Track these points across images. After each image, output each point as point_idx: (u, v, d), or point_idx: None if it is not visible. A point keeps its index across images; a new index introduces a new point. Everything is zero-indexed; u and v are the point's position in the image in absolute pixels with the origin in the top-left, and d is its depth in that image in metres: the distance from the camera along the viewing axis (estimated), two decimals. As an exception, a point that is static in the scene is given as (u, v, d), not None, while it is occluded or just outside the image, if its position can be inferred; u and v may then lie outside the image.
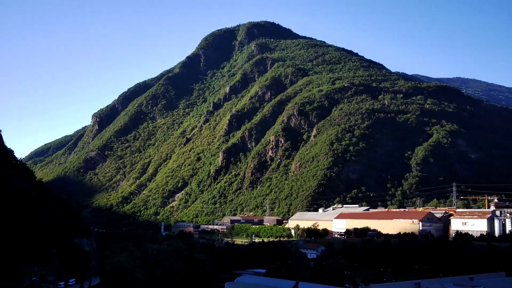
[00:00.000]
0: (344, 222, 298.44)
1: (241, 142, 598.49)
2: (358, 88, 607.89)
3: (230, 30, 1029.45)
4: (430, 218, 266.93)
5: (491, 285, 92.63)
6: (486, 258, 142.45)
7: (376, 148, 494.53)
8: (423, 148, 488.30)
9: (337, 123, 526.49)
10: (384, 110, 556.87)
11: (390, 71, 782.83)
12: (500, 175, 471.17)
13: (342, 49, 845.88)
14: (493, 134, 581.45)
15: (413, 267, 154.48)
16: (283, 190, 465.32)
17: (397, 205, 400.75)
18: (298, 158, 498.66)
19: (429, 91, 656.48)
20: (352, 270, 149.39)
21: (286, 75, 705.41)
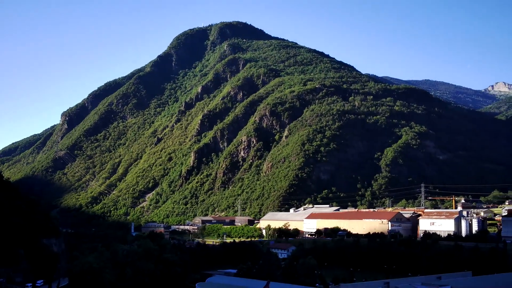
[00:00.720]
0: (314, 222, 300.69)
1: (213, 142, 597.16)
2: (329, 90, 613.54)
3: (202, 30, 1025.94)
4: (399, 218, 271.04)
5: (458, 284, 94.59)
6: (453, 257, 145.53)
7: (347, 149, 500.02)
8: (392, 149, 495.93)
9: (309, 124, 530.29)
10: (355, 112, 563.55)
11: (360, 73, 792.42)
12: (467, 176, 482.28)
13: (313, 51, 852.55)
14: (460, 136, 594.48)
15: (383, 267, 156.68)
16: (254, 190, 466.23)
17: (366, 205, 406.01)
18: (270, 158, 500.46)
19: (398, 93, 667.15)
20: (323, 270, 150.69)
21: (258, 76, 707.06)
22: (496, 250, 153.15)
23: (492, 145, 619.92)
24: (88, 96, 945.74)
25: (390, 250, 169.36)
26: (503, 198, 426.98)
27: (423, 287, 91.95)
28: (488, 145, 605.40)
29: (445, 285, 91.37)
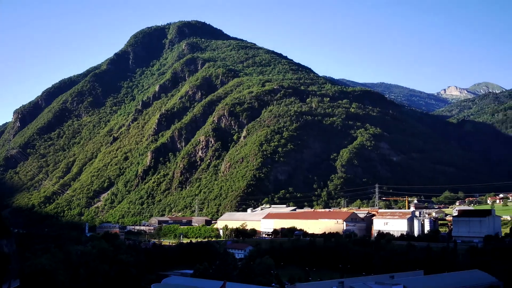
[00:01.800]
0: (272, 222, 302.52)
1: (170, 141, 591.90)
2: (287, 91, 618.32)
3: (160, 28, 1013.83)
4: (353, 218, 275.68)
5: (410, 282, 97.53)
6: (406, 257, 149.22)
7: (304, 150, 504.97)
8: (348, 150, 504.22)
9: (267, 124, 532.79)
10: (312, 113, 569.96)
11: (317, 75, 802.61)
12: (420, 177, 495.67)
13: (272, 52, 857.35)
14: (413, 138, 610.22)
15: (338, 266, 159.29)
16: (212, 190, 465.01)
17: (322, 205, 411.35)
18: (228, 158, 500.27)
19: (354, 95, 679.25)
20: (279, 269, 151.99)
21: (217, 76, 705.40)
22: (446, 249, 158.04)
23: (443, 147, 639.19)
24: (42, 93, 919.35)
25: (345, 249, 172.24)
26: (454, 198, 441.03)
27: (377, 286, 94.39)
28: (440, 147, 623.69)
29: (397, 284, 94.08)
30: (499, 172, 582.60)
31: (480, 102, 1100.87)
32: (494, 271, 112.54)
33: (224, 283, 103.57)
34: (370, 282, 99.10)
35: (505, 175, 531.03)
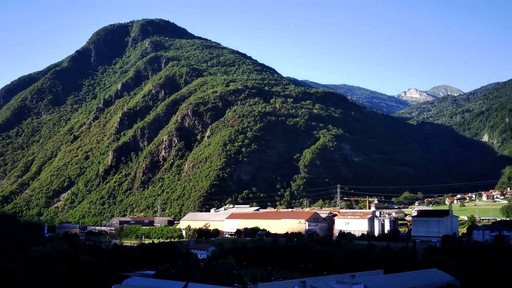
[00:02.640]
0: (235, 222, 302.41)
1: (132, 141, 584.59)
2: (251, 91, 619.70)
3: (123, 26, 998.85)
4: (316, 218, 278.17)
5: (370, 282, 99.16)
6: (367, 256, 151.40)
7: (267, 150, 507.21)
8: (310, 151, 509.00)
9: (231, 124, 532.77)
10: (275, 114, 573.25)
11: (281, 76, 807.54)
12: (380, 178, 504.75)
13: (236, 52, 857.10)
14: (374, 139, 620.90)
15: (300, 266, 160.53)
16: (175, 190, 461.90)
17: (285, 205, 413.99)
18: (192, 158, 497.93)
19: (317, 97, 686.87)
20: (242, 269, 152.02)
21: (181, 75, 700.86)
22: (406, 249, 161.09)
23: (403, 148, 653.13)
24: (0, 90, 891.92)
25: (307, 249, 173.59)
26: (413, 199, 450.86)
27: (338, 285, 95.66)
28: (400, 149, 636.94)
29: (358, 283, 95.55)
30: (457, 173, 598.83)
31: (439, 105, 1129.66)
32: (452, 270, 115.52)
33: (186, 284, 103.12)
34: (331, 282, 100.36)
35: (463, 177, 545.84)
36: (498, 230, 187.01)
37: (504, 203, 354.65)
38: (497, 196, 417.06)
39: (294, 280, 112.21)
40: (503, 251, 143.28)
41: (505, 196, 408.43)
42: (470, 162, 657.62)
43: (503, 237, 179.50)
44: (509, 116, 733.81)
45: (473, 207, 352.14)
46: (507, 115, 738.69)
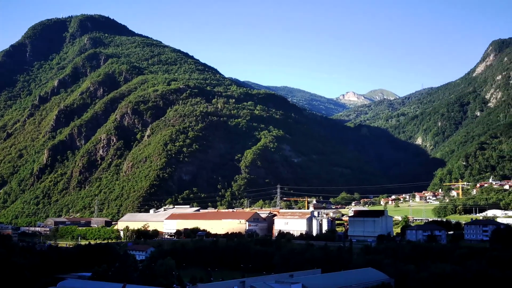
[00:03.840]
0: (174, 222, 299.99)
1: (69, 139, 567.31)
2: (193, 91, 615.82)
3: (61, 21, 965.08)
4: (256, 218, 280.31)
5: (308, 281, 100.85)
6: (305, 255, 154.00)
7: (209, 150, 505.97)
8: (252, 151, 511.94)
9: (172, 124, 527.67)
10: (217, 114, 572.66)
11: (223, 76, 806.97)
12: (319, 179, 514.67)
13: (178, 51, 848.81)
14: (313, 141, 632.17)
15: (240, 266, 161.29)
16: (113, 190, 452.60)
17: (226, 206, 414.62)
18: (131, 158, 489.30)
19: (259, 98, 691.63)
20: (181, 270, 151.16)
21: (121, 72, 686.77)
22: (343, 248, 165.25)
23: (341, 150, 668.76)
24: None
25: (247, 249, 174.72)
26: (350, 199, 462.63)
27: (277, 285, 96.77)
28: (338, 150, 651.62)
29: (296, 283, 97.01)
30: (392, 175, 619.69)
31: (376, 108, 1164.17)
32: (386, 269, 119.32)
33: (124, 285, 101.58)
34: (270, 281, 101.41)
35: (397, 178, 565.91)
36: (430, 230, 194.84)
37: (436, 204, 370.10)
38: (429, 197, 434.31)
39: (234, 280, 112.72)
40: (434, 251, 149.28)
41: (437, 197, 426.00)
42: (404, 164, 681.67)
43: (435, 237, 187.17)
44: (442, 120, 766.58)
45: (406, 207, 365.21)
46: (440, 119, 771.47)
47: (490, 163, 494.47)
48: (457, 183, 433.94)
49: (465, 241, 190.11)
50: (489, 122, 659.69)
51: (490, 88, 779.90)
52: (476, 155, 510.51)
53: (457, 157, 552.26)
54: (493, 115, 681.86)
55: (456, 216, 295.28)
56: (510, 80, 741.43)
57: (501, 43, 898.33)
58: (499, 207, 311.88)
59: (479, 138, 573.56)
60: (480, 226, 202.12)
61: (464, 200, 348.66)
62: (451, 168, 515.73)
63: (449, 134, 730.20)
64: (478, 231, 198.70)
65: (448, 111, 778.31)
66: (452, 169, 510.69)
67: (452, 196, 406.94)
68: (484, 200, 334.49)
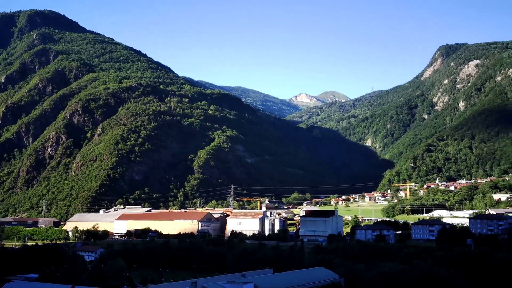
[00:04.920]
0: (125, 223, 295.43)
1: (16, 137, 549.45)
2: (145, 89, 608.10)
3: (9, 16, 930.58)
4: (208, 218, 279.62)
5: (260, 281, 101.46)
6: (257, 255, 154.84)
7: (161, 150, 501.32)
8: (205, 151, 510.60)
9: (123, 122, 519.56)
10: (170, 113, 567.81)
11: (177, 75, 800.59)
12: (272, 179, 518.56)
13: (130, 49, 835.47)
14: (267, 141, 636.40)
15: (192, 266, 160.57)
16: (62, 190, 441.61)
17: (178, 206, 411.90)
18: (80, 157, 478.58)
19: (213, 98, 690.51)
20: (132, 271, 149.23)
21: (71, 69, 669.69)
22: (294, 248, 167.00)
23: (294, 151, 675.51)
24: None
25: (199, 249, 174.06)
26: (302, 199, 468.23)
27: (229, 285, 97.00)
28: (290, 151, 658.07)
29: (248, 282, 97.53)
30: (342, 175, 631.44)
31: (328, 110, 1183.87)
32: (336, 268, 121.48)
33: (73, 287, 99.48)
34: (222, 282, 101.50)
35: (347, 179, 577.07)
36: (379, 230, 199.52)
37: (384, 204, 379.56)
38: (378, 197, 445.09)
39: (186, 281, 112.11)
40: (383, 250, 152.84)
41: (385, 198, 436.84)
42: (354, 165, 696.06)
43: (383, 237, 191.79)
44: (391, 123, 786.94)
45: (356, 208, 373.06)
46: (389, 122, 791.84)
47: (437, 165, 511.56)
48: (405, 184, 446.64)
49: (413, 241, 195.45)
50: (436, 125, 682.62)
51: (437, 92, 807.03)
52: (423, 157, 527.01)
53: (405, 158, 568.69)
54: (439, 118, 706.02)
55: (404, 216, 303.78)
56: (456, 84, 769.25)
57: (448, 48, 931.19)
58: (445, 208, 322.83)
59: (427, 141, 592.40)
60: (427, 226, 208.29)
61: (412, 201, 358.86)
62: (400, 169, 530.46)
63: (398, 136, 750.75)
64: (425, 231, 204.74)
65: (397, 113, 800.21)
66: (400, 170, 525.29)
67: (400, 196, 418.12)
68: (431, 200, 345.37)
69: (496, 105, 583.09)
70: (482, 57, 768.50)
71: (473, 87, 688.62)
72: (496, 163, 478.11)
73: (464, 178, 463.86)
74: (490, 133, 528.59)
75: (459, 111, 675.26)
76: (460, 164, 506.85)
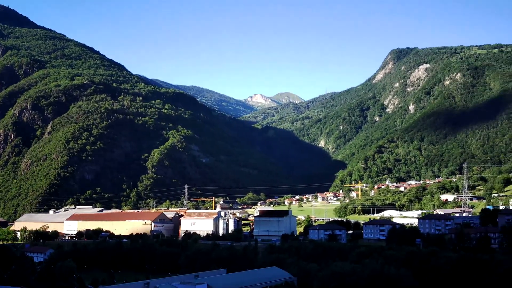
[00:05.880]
0: (76, 223, 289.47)
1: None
2: (98, 87, 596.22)
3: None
4: (162, 218, 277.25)
5: (213, 281, 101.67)
6: (211, 256, 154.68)
7: (114, 149, 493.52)
8: (159, 151, 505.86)
9: (75, 120, 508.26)
10: (124, 111, 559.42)
11: (131, 73, 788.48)
12: (227, 179, 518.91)
13: (83, 45, 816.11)
14: (222, 141, 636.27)
15: (144, 267, 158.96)
16: (10, 189, 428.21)
17: (131, 206, 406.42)
18: (30, 155, 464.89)
19: (167, 97, 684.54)
20: (83, 273, 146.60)
21: (20, 65, 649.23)
22: (248, 248, 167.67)
23: (248, 151, 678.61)
24: None
25: (152, 250, 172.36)
26: (256, 199, 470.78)
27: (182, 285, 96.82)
28: (245, 151, 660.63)
29: (202, 283, 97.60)
30: (296, 176, 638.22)
31: (282, 111, 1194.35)
32: (290, 267, 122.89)
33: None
34: (175, 282, 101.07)
35: (301, 179, 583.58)
36: (331, 230, 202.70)
37: (337, 204, 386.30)
38: (331, 197, 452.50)
39: (138, 282, 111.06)
40: (335, 249, 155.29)
41: (337, 198, 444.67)
42: (308, 166, 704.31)
43: (336, 236, 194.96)
44: (343, 124, 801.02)
45: (309, 207, 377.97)
46: (341, 123, 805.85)
47: (387, 166, 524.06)
48: (356, 185, 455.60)
49: (364, 240, 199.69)
50: (387, 127, 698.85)
51: (388, 94, 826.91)
52: (374, 158, 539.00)
53: (357, 159, 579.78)
54: (390, 120, 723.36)
55: (355, 216, 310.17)
56: (407, 87, 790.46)
57: (399, 52, 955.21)
58: (395, 208, 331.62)
59: (378, 142, 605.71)
60: (378, 225, 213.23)
61: (363, 201, 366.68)
62: (351, 170, 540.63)
63: (350, 138, 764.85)
64: (376, 231, 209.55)
65: (349, 115, 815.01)
66: (352, 171, 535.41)
67: (352, 197, 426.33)
68: (381, 201, 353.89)
69: (444, 108, 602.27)
70: (431, 61, 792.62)
71: (422, 91, 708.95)
72: (444, 164, 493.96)
73: (413, 179, 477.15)
74: (438, 136, 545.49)
75: (409, 113, 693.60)
76: (410, 166, 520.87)
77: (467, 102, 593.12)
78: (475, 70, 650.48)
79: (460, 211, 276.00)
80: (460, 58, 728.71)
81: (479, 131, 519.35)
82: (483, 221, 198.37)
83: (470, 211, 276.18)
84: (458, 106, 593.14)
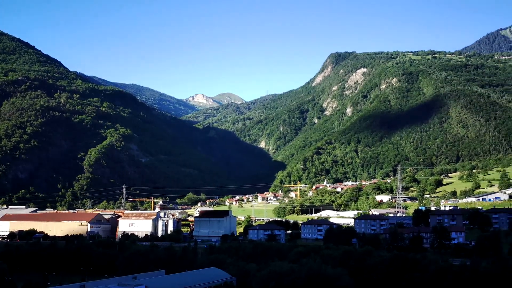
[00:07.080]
0: (8, 224, 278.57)
1: None
2: (33, 83, 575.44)
3: None
4: (99, 219, 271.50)
5: (151, 282, 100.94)
6: (149, 257, 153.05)
7: (49, 147, 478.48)
8: (96, 150, 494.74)
9: (8, 118, 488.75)
10: (60, 109, 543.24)
11: (68, 70, 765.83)
12: (166, 179, 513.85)
13: (18, 40, 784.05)
14: (162, 141, 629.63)
15: (80, 269, 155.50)
16: None
17: (67, 207, 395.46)
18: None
19: (105, 94, 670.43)
20: (15, 275, 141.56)
21: None
22: (188, 248, 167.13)
23: (189, 151, 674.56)
24: None
25: (88, 251, 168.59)
26: (197, 200, 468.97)
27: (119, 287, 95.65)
28: (186, 151, 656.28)
29: (140, 285, 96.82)
30: (237, 176, 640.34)
31: (224, 111, 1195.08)
32: (229, 268, 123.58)
33: None
34: (112, 284, 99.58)
35: (242, 179, 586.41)
36: (271, 230, 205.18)
37: (276, 204, 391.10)
38: (270, 198, 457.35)
39: (73, 284, 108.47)
40: (274, 249, 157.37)
41: (277, 198, 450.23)
42: (248, 166, 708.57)
43: (275, 236, 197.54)
44: (283, 125, 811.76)
45: (249, 208, 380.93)
46: (282, 124, 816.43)
47: (325, 167, 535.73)
48: (295, 185, 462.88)
49: (302, 240, 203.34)
50: (325, 129, 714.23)
51: (327, 97, 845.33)
52: (313, 159, 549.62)
53: (296, 160, 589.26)
54: (329, 122, 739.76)
55: (294, 216, 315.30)
56: (345, 91, 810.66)
57: (338, 56, 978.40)
58: (332, 208, 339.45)
59: (316, 144, 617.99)
60: (315, 225, 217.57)
61: (302, 201, 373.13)
62: (291, 170, 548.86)
63: (290, 139, 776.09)
64: (314, 231, 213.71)
65: (289, 117, 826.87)
66: (291, 171, 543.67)
67: (291, 197, 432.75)
68: (319, 201, 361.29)
69: (380, 111, 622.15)
70: (368, 66, 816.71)
71: (360, 94, 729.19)
72: (379, 166, 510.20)
73: (350, 180, 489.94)
74: (374, 138, 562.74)
75: (347, 116, 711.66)
76: (347, 167, 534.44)
77: (401, 106, 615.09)
78: (409, 75, 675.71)
79: (394, 212, 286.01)
80: (396, 63, 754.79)
81: (412, 134, 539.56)
82: (416, 222, 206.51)
83: (404, 212, 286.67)
84: (393, 110, 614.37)
